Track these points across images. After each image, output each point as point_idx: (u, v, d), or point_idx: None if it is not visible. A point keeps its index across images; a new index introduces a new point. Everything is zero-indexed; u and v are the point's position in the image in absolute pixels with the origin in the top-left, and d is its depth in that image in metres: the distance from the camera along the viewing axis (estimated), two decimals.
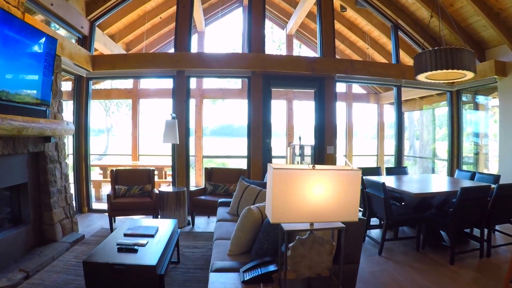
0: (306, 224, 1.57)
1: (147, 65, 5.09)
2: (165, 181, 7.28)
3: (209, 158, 11.93)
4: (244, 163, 5.65)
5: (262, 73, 5.33)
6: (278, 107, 9.18)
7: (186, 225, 4.72)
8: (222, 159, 14.17)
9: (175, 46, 5.28)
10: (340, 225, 1.58)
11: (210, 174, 5.15)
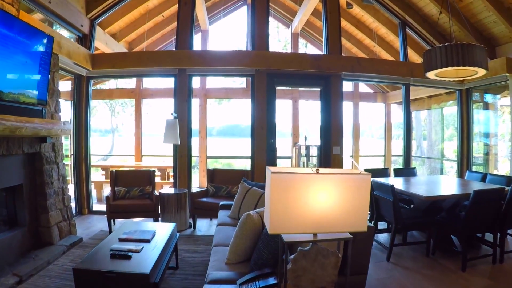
0: (309, 234, 1.40)
1: (148, 63, 4.96)
2: (167, 182, 7.17)
3: (213, 158, 11.82)
4: (250, 164, 5.50)
5: (266, 71, 5.18)
6: (284, 107, 9.05)
7: (187, 228, 4.59)
8: (228, 160, 14.04)
9: (177, 44, 5.15)
10: (347, 235, 1.41)
11: (213, 175, 5.01)
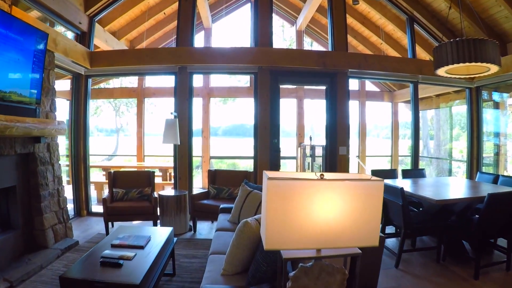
0: (312, 250, 1.23)
1: (147, 61, 4.81)
2: (169, 183, 7.02)
3: (216, 159, 11.66)
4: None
5: (269, 68, 5.00)
6: (289, 106, 8.89)
7: (187, 231, 4.44)
8: (233, 160, 13.87)
9: (177, 41, 4.99)
10: (355, 250, 1.23)
11: (214, 176, 4.85)
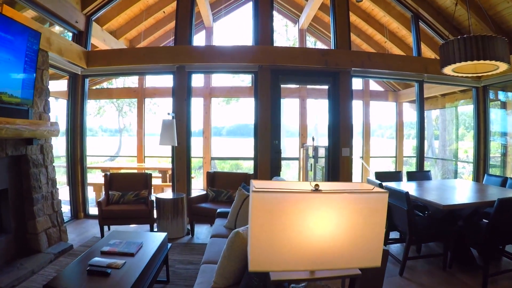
0: (305, 272, 1.07)
1: (145, 60, 4.70)
2: (169, 185, 6.90)
3: (218, 160, 11.53)
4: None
5: (270, 67, 4.86)
6: (292, 106, 8.78)
7: (184, 234, 4.32)
8: (236, 161, 13.73)
9: (176, 39, 4.87)
10: (354, 271, 1.08)
11: (213, 179, 4.73)
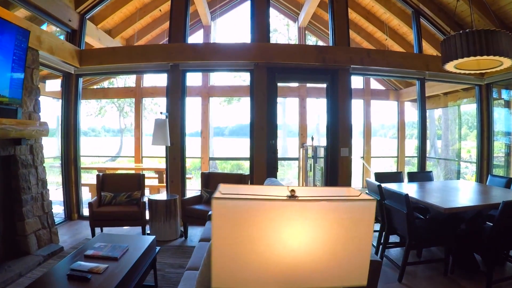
0: None
1: (138, 59, 4.60)
2: (165, 185, 6.81)
3: (216, 160, 11.43)
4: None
5: (266, 65, 4.74)
6: (294, 105, 8.70)
7: (178, 237, 4.22)
8: (237, 161, 13.63)
9: (170, 37, 4.78)
10: None
11: (208, 179, 4.63)
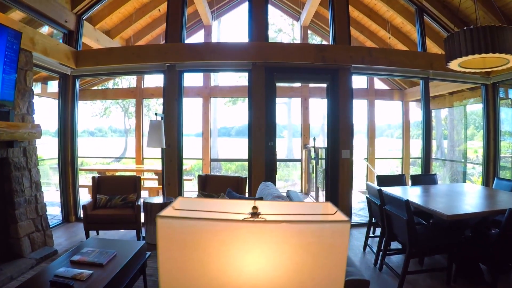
0: None
1: (134, 59, 4.54)
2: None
3: (221, 161, 11.34)
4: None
5: (264, 65, 4.64)
6: (297, 105, 8.64)
7: None
8: (242, 162, 13.54)
9: (166, 37, 4.70)
10: None
11: (205, 182, 4.53)
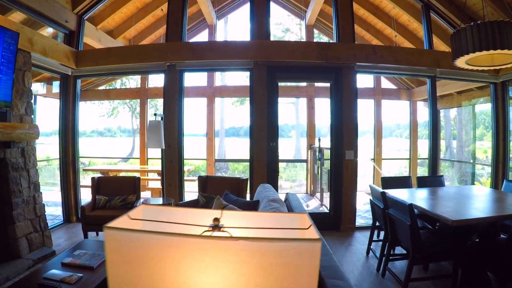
0: None
1: (133, 59, 4.50)
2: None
3: (222, 161, 11.26)
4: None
5: (266, 63, 4.55)
6: (304, 105, 8.54)
7: None
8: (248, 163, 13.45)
9: (166, 36, 4.66)
10: None
11: (205, 183, 4.46)
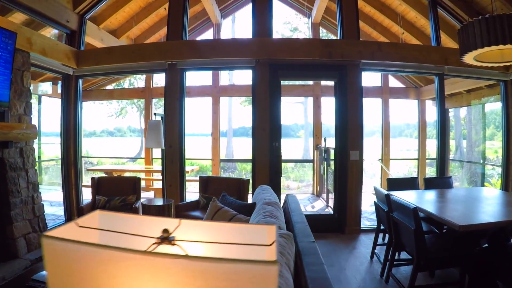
0: None
1: (134, 58, 4.45)
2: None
3: (228, 162, 11.20)
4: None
5: (268, 61, 4.44)
6: (310, 105, 8.51)
7: None
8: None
9: (167, 35, 4.60)
10: None
11: (206, 184, 4.41)
